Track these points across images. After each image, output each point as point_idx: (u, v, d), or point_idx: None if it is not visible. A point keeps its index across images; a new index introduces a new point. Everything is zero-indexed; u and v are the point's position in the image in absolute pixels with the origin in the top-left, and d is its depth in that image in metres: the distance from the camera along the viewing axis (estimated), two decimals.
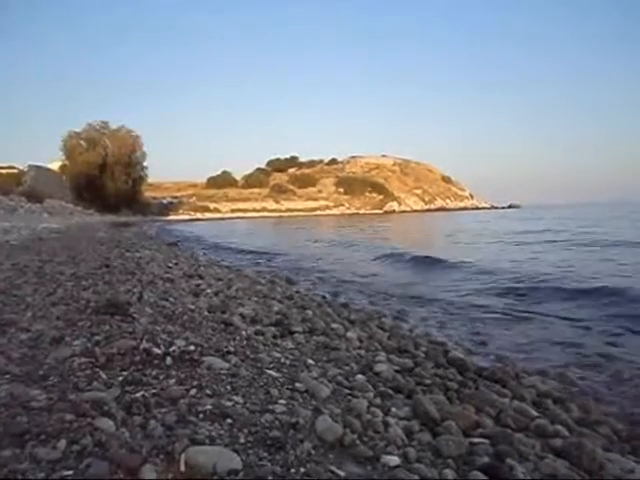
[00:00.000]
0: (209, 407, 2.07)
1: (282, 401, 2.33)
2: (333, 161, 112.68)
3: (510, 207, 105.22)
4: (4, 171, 51.06)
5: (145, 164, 65.42)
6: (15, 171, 51.70)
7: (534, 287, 8.69)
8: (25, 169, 51.03)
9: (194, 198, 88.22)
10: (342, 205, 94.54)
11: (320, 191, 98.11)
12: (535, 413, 3.01)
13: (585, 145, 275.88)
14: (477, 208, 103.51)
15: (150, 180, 72.22)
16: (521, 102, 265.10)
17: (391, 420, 2.44)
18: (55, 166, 58.26)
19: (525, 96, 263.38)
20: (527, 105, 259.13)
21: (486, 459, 2.21)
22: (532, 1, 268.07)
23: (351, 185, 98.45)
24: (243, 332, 3.72)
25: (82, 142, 59.49)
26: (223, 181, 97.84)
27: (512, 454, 2.28)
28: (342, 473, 1.81)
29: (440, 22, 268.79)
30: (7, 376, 2.16)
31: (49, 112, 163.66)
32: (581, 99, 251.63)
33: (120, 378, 2.27)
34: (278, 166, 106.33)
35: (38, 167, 51.82)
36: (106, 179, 58.70)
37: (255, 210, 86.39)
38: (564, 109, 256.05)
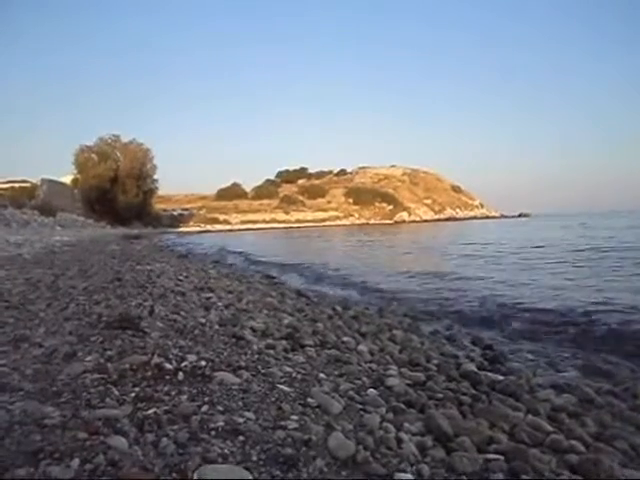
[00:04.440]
0: (221, 424, 2.06)
1: (294, 417, 2.31)
2: (342, 172, 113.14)
3: (520, 216, 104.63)
4: (17, 185, 51.99)
5: (155, 177, 66.27)
6: (28, 185, 52.58)
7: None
8: (38, 183, 51.83)
9: (204, 210, 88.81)
10: (352, 215, 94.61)
11: (329, 202, 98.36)
12: (550, 428, 2.96)
13: (595, 154, 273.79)
14: (487, 217, 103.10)
15: (160, 192, 73.10)
16: (529, 110, 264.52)
17: (404, 436, 2.41)
18: (67, 180, 59.14)
19: (532, 104, 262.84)
20: (536, 113, 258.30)
21: (501, 476, 2.18)
22: (544, 8, 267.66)
23: (360, 195, 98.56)
24: (254, 346, 3.71)
25: (94, 156, 60.24)
26: (233, 193, 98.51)
27: (527, 471, 2.25)
28: None
29: (448, 32, 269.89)
30: (21, 393, 2.17)
31: (62, 127, 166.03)
32: (590, 107, 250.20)
33: (132, 394, 2.27)
34: (287, 177, 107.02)
35: (51, 181, 52.67)
36: (117, 192, 59.35)
37: (264, 221, 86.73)
38: (573, 117, 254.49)
